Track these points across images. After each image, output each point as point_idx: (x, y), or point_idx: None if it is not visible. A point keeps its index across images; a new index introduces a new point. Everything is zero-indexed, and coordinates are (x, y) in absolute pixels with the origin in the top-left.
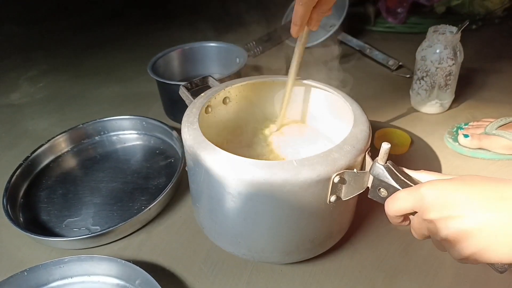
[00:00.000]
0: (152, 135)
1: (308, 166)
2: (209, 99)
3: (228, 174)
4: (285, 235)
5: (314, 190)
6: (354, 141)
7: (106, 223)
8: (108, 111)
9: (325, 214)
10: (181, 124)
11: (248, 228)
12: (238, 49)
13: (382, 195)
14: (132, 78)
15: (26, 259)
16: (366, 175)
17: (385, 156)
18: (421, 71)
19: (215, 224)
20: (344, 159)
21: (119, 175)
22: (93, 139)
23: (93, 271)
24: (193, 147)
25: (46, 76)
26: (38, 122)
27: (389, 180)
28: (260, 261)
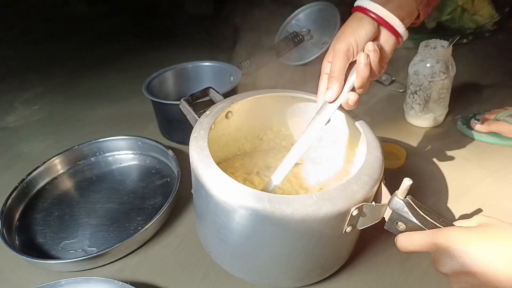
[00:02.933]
0: (148, 154)
1: (329, 200)
2: (214, 119)
3: (246, 209)
4: (298, 264)
5: (333, 223)
6: (370, 170)
7: (102, 244)
8: (104, 132)
9: (338, 243)
10: (189, 149)
11: (262, 258)
12: (231, 68)
13: (400, 229)
14: (127, 98)
15: (22, 282)
16: (383, 207)
17: (405, 191)
18: (414, 85)
19: (225, 252)
20: (362, 191)
21: (115, 196)
22: (88, 160)
23: None
24: (205, 176)
25: (42, 98)
26: (33, 144)
27: (409, 216)
28: (270, 286)
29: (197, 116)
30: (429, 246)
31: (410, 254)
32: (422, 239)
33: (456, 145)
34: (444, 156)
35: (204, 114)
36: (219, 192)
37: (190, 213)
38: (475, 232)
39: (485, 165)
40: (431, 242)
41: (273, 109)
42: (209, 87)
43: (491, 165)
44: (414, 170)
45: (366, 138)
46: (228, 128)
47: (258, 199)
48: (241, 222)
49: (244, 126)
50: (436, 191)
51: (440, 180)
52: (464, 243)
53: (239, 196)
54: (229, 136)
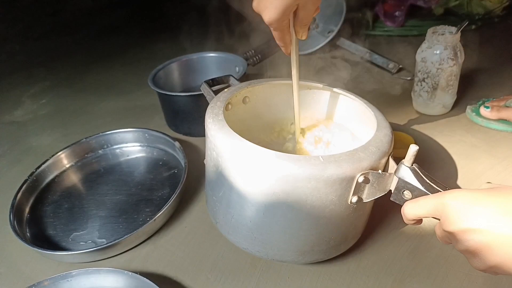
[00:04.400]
0: (155, 146)
1: (334, 162)
2: (231, 96)
3: (253, 166)
4: (302, 233)
5: (338, 187)
6: (378, 143)
7: (112, 236)
8: (111, 125)
9: (344, 215)
10: (205, 116)
11: (266, 223)
12: (237, 58)
13: (406, 197)
14: (133, 91)
15: (34, 273)
16: (390, 177)
17: (412, 158)
18: (421, 73)
19: (231, 218)
20: (369, 159)
21: (123, 188)
22: (96, 153)
23: (101, 283)
24: (218, 137)
25: (48, 92)
26: (41, 138)
27: (415, 182)
28: (274, 259)
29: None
30: (435, 208)
31: (419, 243)
32: (427, 203)
33: (465, 133)
34: (453, 143)
35: (222, 91)
36: (229, 150)
37: (198, 204)
38: (481, 192)
39: (494, 152)
40: (437, 204)
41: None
42: (230, 75)
43: (501, 152)
44: (422, 158)
45: (376, 119)
46: (245, 114)
47: (264, 155)
48: (248, 181)
49: (260, 115)
50: (445, 178)
51: (449, 168)
52: (470, 201)
53: (248, 154)
54: (245, 123)
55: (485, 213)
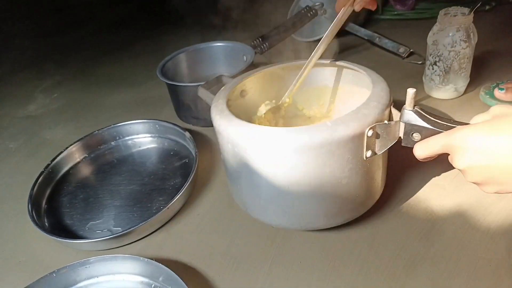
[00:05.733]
0: (166, 137)
1: (342, 124)
2: (228, 92)
3: (268, 146)
4: (328, 197)
5: (351, 146)
6: (378, 97)
7: (127, 224)
8: (121, 117)
9: (363, 171)
10: (211, 114)
11: (293, 196)
12: (244, 47)
13: (416, 139)
14: (142, 83)
15: (53, 261)
16: (397, 124)
17: (412, 101)
18: (433, 56)
19: (259, 200)
20: (373, 114)
21: (136, 178)
22: (109, 144)
23: (118, 270)
24: (230, 130)
25: (60, 86)
26: (55, 131)
27: (421, 123)
28: (307, 229)
29: None
30: (444, 147)
31: (431, 227)
32: (437, 142)
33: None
34: None
35: (220, 90)
36: (243, 138)
37: (210, 192)
38: (488, 125)
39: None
40: (446, 142)
41: (284, 81)
42: (221, 74)
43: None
44: None
45: (371, 77)
46: (246, 107)
47: (275, 134)
48: (267, 162)
49: (259, 103)
50: None
51: None
52: (477, 138)
53: (261, 137)
54: (247, 114)
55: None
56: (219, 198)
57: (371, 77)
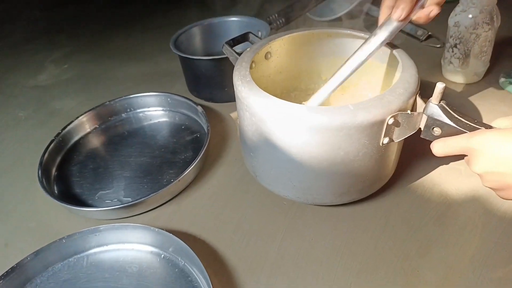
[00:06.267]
0: (177, 111)
1: (364, 109)
2: (254, 54)
3: (287, 121)
4: (338, 177)
5: (369, 132)
6: (405, 84)
7: (137, 195)
8: (132, 90)
9: (377, 156)
10: (233, 78)
11: (304, 172)
12: (260, 23)
13: (436, 134)
14: (153, 57)
15: (63, 228)
16: (419, 115)
17: (439, 95)
18: (454, 38)
19: (270, 170)
20: (397, 101)
21: (147, 150)
22: (120, 116)
23: (127, 239)
24: (250, 98)
25: (70, 57)
26: (65, 101)
27: (444, 119)
28: (314, 203)
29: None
30: (463, 149)
31: (446, 210)
32: (457, 143)
33: (497, 102)
34: (484, 113)
35: (245, 51)
36: (261, 109)
37: (221, 168)
38: (508, 132)
39: None
40: (466, 145)
41: (312, 47)
42: (249, 31)
43: None
44: None
45: (401, 60)
46: (268, 70)
47: (296, 111)
48: (283, 136)
49: (283, 69)
50: None
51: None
52: (496, 144)
53: (280, 110)
54: (268, 78)
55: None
56: (231, 173)
57: (402, 60)
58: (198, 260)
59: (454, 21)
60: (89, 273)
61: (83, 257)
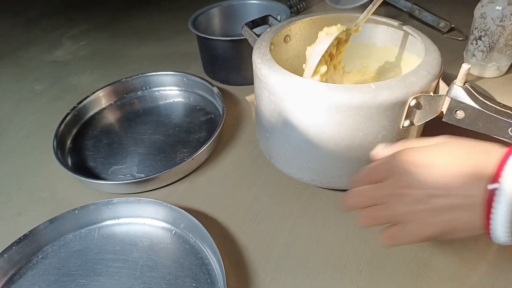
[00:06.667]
0: (193, 91)
1: (386, 89)
2: (273, 35)
3: (306, 100)
4: (356, 160)
5: (390, 113)
6: (428, 67)
7: (150, 171)
8: (148, 69)
9: (396, 140)
10: (252, 57)
11: (321, 153)
12: (279, 6)
13: (459, 117)
14: (170, 38)
15: (75, 200)
16: (442, 98)
17: (464, 77)
18: (479, 30)
19: (285, 152)
20: (420, 83)
21: (161, 128)
22: (135, 94)
23: (140, 213)
24: (269, 76)
25: (87, 35)
26: (81, 77)
27: (468, 101)
28: (328, 187)
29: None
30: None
31: None
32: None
33: None
34: None
35: (265, 32)
36: (281, 87)
37: (234, 149)
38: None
39: None
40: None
41: None
42: (268, 14)
43: None
44: None
45: (424, 44)
46: (286, 54)
47: (316, 89)
48: (301, 115)
49: (302, 53)
50: None
51: None
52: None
53: (300, 88)
54: (287, 63)
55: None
56: (244, 155)
57: (425, 44)
58: (210, 237)
59: (480, 13)
60: (100, 245)
61: (95, 228)
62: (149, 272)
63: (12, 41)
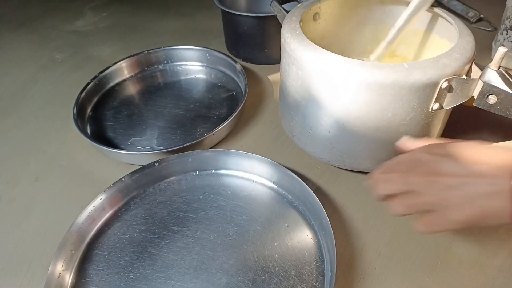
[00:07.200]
0: (215, 67)
1: (419, 69)
2: (303, 11)
3: (337, 76)
4: (381, 142)
5: (421, 94)
6: (462, 50)
7: (169, 145)
8: (169, 43)
9: (423, 123)
10: (282, 31)
11: (346, 133)
12: None
13: (491, 102)
14: (193, 13)
15: (93, 169)
16: (474, 82)
17: (499, 61)
18: (510, 20)
19: (309, 130)
20: (453, 65)
21: (181, 103)
22: (157, 67)
23: (219, 165)
24: (299, 50)
25: (109, 6)
26: (102, 48)
27: (502, 85)
28: (350, 168)
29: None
30: None
31: None
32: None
33: None
34: None
35: (295, 7)
36: (311, 62)
37: (255, 127)
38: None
39: None
40: None
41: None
42: None
43: None
44: None
45: (458, 28)
46: (314, 32)
47: (348, 65)
48: (330, 92)
49: (328, 33)
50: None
51: None
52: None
53: (332, 64)
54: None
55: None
56: (265, 133)
57: (459, 27)
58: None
59: None
60: (183, 195)
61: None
62: (239, 216)
63: (33, 10)
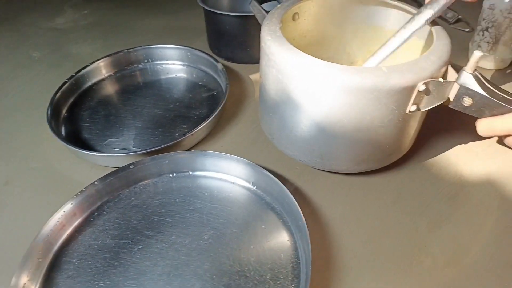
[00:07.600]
0: (196, 67)
1: (398, 73)
2: (284, 12)
3: (317, 80)
4: (361, 144)
5: (399, 97)
6: (439, 53)
7: (147, 146)
8: (151, 42)
9: (401, 125)
10: (261, 33)
11: (327, 135)
12: None
13: (466, 104)
14: (176, 11)
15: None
16: (450, 84)
17: (474, 64)
18: (486, 21)
19: (289, 133)
20: (430, 68)
21: (161, 102)
22: (136, 66)
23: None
24: (279, 54)
25: (90, 4)
26: (81, 46)
27: (477, 88)
28: (330, 170)
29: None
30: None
31: (459, 190)
32: (504, 123)
33: None
34: None
35: (275, 8)
36: (291, 66)
37: (235, 127)
38: None
39: None
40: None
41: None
42: None
43: None
44: None
45: (435, 30)
46: (294, 32)
47: (326, 69)
48: (309, 96)
49: (308, 33)
50: None
51: None
52: None
53: (311, 68)
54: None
55: None
56: (245, 133)
57: (436, 29)
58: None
59: (489, 3)
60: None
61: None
62: (216, 219)
63: (12, 7)
